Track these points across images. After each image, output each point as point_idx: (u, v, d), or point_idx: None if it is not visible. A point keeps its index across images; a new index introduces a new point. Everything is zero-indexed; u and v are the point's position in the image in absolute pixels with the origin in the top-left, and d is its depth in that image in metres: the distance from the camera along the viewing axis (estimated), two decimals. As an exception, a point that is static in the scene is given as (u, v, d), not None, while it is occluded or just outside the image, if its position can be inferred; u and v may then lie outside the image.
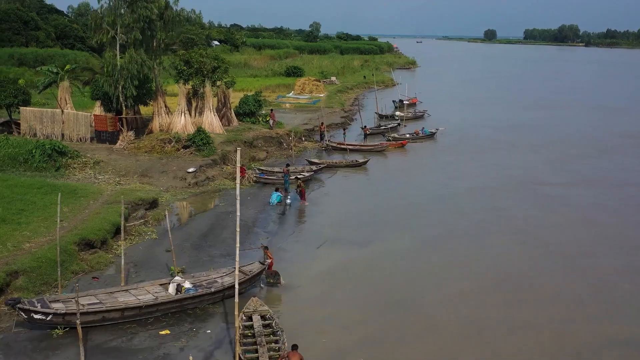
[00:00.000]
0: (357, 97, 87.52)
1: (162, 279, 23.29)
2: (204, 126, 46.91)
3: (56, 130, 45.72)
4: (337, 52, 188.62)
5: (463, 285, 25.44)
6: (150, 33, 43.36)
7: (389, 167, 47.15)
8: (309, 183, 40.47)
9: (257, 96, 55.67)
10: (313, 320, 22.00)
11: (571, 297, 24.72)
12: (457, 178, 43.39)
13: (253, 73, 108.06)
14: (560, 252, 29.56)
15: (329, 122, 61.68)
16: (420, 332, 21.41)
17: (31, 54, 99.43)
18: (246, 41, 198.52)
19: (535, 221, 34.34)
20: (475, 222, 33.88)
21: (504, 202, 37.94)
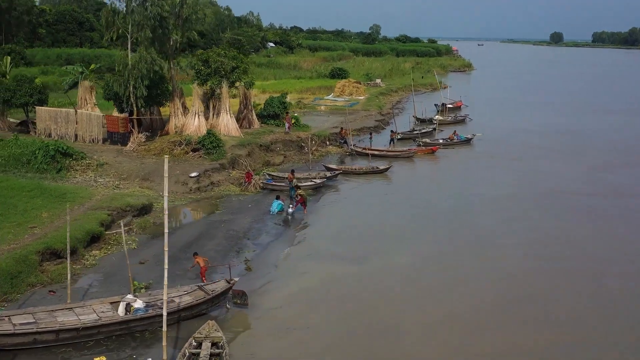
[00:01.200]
0: (399, 100, 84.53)
1: (115, 296, 21.25)
2: (220, 128, 45.19)
3: (70, 130, 44.75)
4: (393, 54, 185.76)
5: (456, 308, 22.76)
6: (162, 31, 41.67)
7: (412, 175, 44.30)
8: (321, 190, 38.10)
9: (283, 98, 53.53)
10: (274, 348, 19.62)
11: (579, 327, 21.56)
12: (482, 186, 40.25)
13: (298, 75, 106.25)
14: (576, 272, 26.34)
15: (360, 126, 59.26)
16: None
17: (78, 55, 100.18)
18: (302, 43, 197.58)
19: (555, 234, 31.19)
20: (487, 235, 30.93)
21: (526, 212, 34.87)
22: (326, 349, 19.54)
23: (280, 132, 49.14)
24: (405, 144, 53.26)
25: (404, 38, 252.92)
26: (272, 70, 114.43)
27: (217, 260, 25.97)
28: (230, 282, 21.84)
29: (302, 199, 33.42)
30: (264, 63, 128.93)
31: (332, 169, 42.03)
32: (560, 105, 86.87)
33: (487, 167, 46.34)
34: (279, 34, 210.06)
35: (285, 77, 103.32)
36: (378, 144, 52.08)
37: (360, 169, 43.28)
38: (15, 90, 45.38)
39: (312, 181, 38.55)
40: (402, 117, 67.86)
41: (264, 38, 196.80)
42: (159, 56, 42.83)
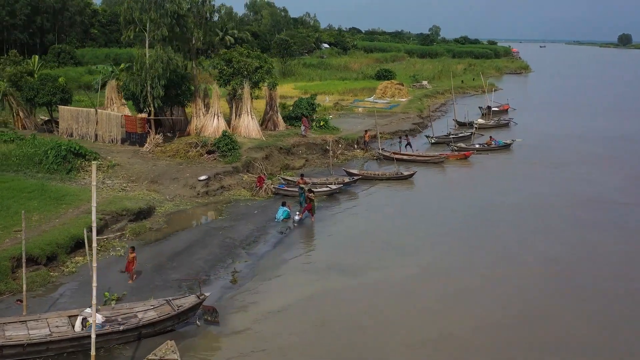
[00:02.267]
0: (444, 103, 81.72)
1: (75, 309, 19.90)
2: (240, 130, 43.88)
3: (90, 130, 44.15)
4: (450, 55, 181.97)
5: (450, 328, 20.87)
6: (180, 30, 40.52)
7: (438, 181, 41.90)
8: (337, 196, 36.26)
9: (312, 99, 51.79)
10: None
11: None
12: (511, 194, 37.76)
13: (344, 76, 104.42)
14: (599, 296, 23.69)
15: (395, 129, 57.10)
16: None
17: (126, 54, 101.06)
18: (357, 44, 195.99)
19: (582, 250, 28.66)
20: (504, 248, 28.61)
21: (554, 224, 32.40)
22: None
23: (303, 135, 47.39)
24: (438, 149, 50.71)
25: (462, 40, 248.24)
26: (320, 71, 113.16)
27: (204, 271, 24.51)
28: (200, 298, 20.20)
29: (310, 206, 31.62)
30: (314, 64, 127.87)
31: (353, 174, 40.08)
32: (616, 110, 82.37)
33: (521, 174, 43.59)
34: (333, 35, 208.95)
35: (331, 78, 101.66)
36: (414, 148, 49.79)
37: (383, 174, 41.19)
38: (38, 89, 45.08)
39: (327, 187, 36.66)
40: (443, 120, 65.16)
41: (318, 39, 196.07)
42: (179, 55, 41.87)
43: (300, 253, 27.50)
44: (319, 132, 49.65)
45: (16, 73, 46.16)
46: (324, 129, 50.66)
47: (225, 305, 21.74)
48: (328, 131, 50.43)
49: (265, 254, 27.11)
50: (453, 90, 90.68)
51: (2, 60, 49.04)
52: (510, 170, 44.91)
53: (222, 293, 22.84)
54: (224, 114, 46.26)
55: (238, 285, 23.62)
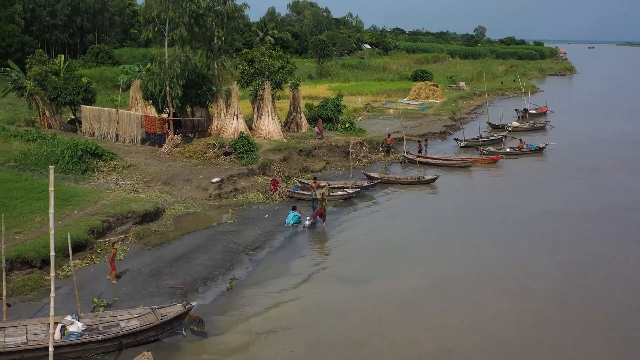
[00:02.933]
0: (480, 105, 79.70)
1: (57, 316, 19.24)
2: (260, 131, 43.14)
3: (112, 130, 43.99)
4: (493, 56, 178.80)
5: (451, 343, 19.69)
6: (198, 29, 39.95)
7: (462, 186, 40.38)
8: (353, 201, 35.20)
9: (337, 100, 50.72)
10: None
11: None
12: (537, 200, 36.19)
13: (380, 77, 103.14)
14: (614, 318, 22.07)
15: (425, 131, 55.68)
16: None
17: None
18: (399, 45, 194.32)
19: (606, 263, 26.90)
20: (521, 259, 27.12)
21: (578, 233, 30.85)
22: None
23: (329, 136, 46.40)
24: (467, 153, 49.17)
25: (508, 40, 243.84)
26: (357, 71, 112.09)
27: (201, 278, 23.77)
28: (186, 307, 19.41)
29: (321, 211, 30.64)
30: (353, 65, 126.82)
31: (373, 177, 38.94)
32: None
33: (551, 180, 41.82)
34: (375, 35, 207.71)
35: (367, 79, 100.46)
36: (441, 152, 48.38)
37: (404, 178, 39.92)
38: (62, 88, 45.15)
39: (344, 191, 35.61)
40: (477, 122, 63.36)
41: (359, 40, 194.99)
42: (197, 55, 41.40)
43: (304, 260, 26.50)
44: (344, 134, 48.58)
45: (41, 72, 46.26)
46: (349, 130, 49.56)
47: (216, 314, 20.93)
48: (353, 133, 49.35)
49: (269, 260, 26.20)
50: (488, 92, 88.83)
51: (29, 59, 49.13)
52: (540, 176, 43.11)
53: (215, 301, 22.06)
54: (248, 115, 45.70)
55: (233, 293, 22.79)
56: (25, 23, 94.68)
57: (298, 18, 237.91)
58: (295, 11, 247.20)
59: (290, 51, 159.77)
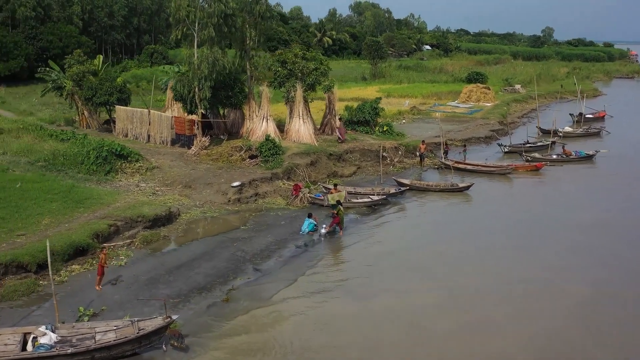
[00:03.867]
0: (535, 108, 76.47)
1: (33, 325, 18.64)
2: (291, 134, 42.10)
3: (144, 131, 43.77)
4: (558, 58, 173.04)
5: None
6: (228, 30, 39.16)
7: (497, 195, 38.26)
8: (379, 208, 33.74)
9: (375, 103, 49.21)
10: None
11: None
12: (577, 211, 33.98)
13: (434, 78, 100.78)
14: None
15: (469, 136, 53.58)
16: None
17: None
18: (461, 46, 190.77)
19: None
20: (546, 275, 25.05)
21: (617, 248, 28.60)
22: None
23: (365, 140, 45.03)
24: (511, 159, 46.86)
25: (575, 42, 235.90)
26: (412, 73, 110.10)
27: (198, 288, 22.85)
28: (166, 321, 18.45)
29: (338, 219, 29.33)
30: (410, 66, 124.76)
31: (403, 184, 37.34)
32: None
33: (596, 190, 39.34)
34: (436, 36, 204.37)
35: (420, 80, 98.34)
36: (483, 158, 46.29)
37: (436, 185, 38.13)
38: (96, 88, 45.24)
39: (369, 197, 34.17)
40: (528, 127, 60.71)
41: (419, 41, 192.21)
42: (235, 56, 40.76)
43: (311, 271, 25.23)
44: (381, 138, 47.06)
45: (78, 72, 46.50)
46: (386, 134, 48.01)
47: (203, 328, 19.92)
48: (391, 137, 47.81)
49: (274, 270, 25.07)
50: (546, 95, 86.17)
51: (67, 59, 49.53)
52: (585, 184, 40.63)
53: (206, 312, 21.02)
54: (284, 118, 44.82)
55: (228, 305, 21.71)
56: (83, 24, 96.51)
57: (359, 19, 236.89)
58: (357, 12, 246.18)
59: (348, 52, 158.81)
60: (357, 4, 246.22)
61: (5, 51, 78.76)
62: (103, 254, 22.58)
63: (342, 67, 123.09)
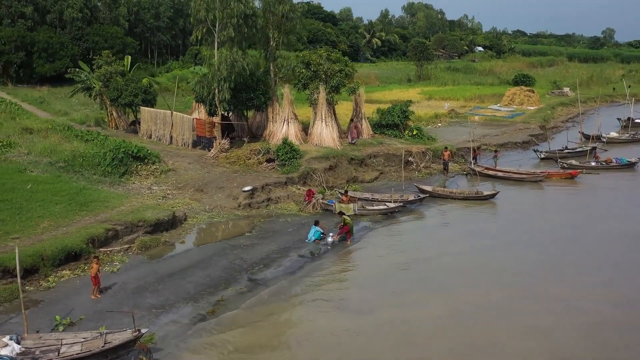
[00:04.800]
0: (583, 112, 73.43)
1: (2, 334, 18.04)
2: (313, 137, 41.02)
3: (166, 132, 43.40)
4: (617, 60, 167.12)
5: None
6: (248, 30, 38.32)
7: (525, 204, 36.23)
8: (395, 215, 32.39)
9: (405, 106, 47.69)
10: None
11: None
12: (610, 222, 31.85)
13: (479, 80, 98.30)
14: None
15: (505, 141, 51.56)
16: None
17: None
18: (515, 47, 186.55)
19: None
20: (565, 291, 23.25)
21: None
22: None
23: (391, 144, 43.58)
24: (546, 166, 44.72)
25: (637, 43, 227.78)
26: (458, 75, 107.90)
27: (186, 298, 22.00)
28: (134, 334, 17.61)
29: (347, 228, 28.12)
30: (459, 68, 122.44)
31: (424, 191, 35.85)
32: None
33: (634, 199, 36.89)
34: (489, 38, 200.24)
35: (464, 82, 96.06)
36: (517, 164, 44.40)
37: (460, 193, 36.45)
38: (122, 89, 45.11)
39: (385, 205, 32.82)
40: (570, 132, 58.18)
41: (471, 42, 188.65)
42: (260, 57, 39.98)
43: (308, 282, 24.07)
44: (410, 142, 45.54)
45: (105, 73, 46.48)
46: (416, 138, 46.45)
47: (181, 342, 19.02)
48: (420, 141, 46.21)
49: (270, 281, 23.99)
50: (597, 99, 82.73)
51: (96, 60, 49.65)
52: (622, 194, 38.31)
53: (188, 325, 20.11)
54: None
55: (212, 318, 20.77)
56: (128, 25, 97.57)
57: (412, 20, 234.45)
58: (410, 13, 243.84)
59: (397, 53, 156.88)
60: (409, 5, 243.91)
61: (52, 52, 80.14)
62: (95, 263, 21.81)
63: (390, 69, 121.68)
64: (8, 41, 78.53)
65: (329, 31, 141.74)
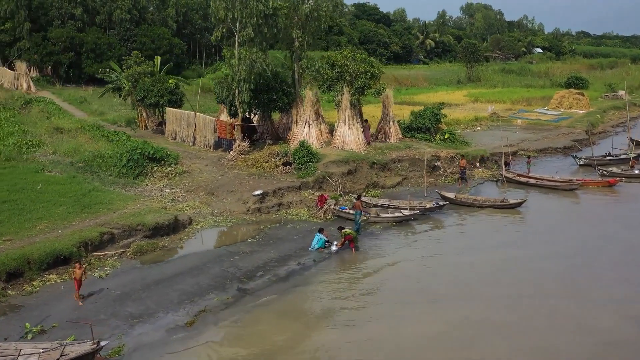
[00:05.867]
0: (635, 117, 70.01)
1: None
2: (336, 140, 39.80)
3: (190, 133, 42.92)
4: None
5: None
6: (268, 30, 37.36)
7: (556, 213, 33.97)
8: (411, 224, 30.90)
9: (437, 109, 45.91)
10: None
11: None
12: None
13: (530, 83, 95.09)
14: None
15: (545, 146, 49.16)
16: None
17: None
18: (575, 49, 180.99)
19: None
20: (578, 310, 21.26)
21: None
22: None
23: (419, 148, 41.93)
24: (585, 173, 42.28)
25: None
26: (509, 77, 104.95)
27: (167, 307, 21.12)
28: (92, 347, 16.79)
29: (350, 237, 26.81)
30: (514, 70, 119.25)
31: (446, 198, 34.20)
32: None
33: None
34: (548, 39, 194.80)
35: (514, 85, 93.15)
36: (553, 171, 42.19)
37: (484, 201, 34.58)
38: (148, 90, 44.87)
39: (400, 212, 31.34)
40: (617, 137, 55.34)
41: (530, 43, 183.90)
42: (286, 57, 39.07)
43: (300, 294, 22.85)
44: (441, 146, 43.81)
45: (133, 74, 46.36)
46: (448, 142, 44.68)
47: (152, 354, 18.13)
48: (452, 145, 44.42)
49: (260, 290, 22.86)
50: (627, 102, 78.63)
51: (126, 60, 49.65)
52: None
53: (161, 337, 19.21)
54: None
55: (190, 331, 19.77)
56: (177, 26, 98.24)
57: (469, 21, 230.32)
58: (468, 14, 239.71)
59: (451, 55, 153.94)
60: (468, 5, 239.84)
61: (99, 52, 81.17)
62: (78, 268, 21.18)
63: (443, 70, 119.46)
64: (57, 42, 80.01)
65: (380, 32, 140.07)
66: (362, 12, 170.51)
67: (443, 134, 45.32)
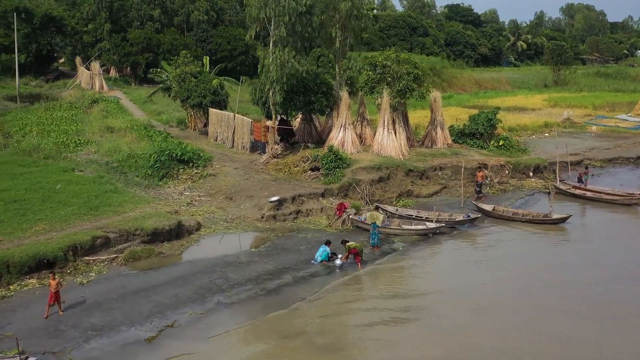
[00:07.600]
0: None
1: None
2: (373, 145, 37.72)
3: (229, 135, 41.97)
4: None
5: None
6: (303, 29, 35.74)
7: (605, 231, 30.59)
8: (437, 238, 28.49)
9: (492, 115, 42.76)
10: None
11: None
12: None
13: (620, 87, 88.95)
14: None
15: (616, 155, 45.10)
16: None
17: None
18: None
19: None
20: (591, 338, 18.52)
21: None
22: None
23: (468, 155, 39.14)
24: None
25: None
26: (600, 80, 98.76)
27: (130, 320, 19.86)
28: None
29: (355, 251, 24.79)
30: (609, 73, 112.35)
31: (483, 210, 31.49)
32: None
33: None
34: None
35: (602, 89, 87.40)
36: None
37: (525, 215, 31.52)
38: (191, 90, 44.29)
39: (424, 224, 28.95)
40: None
41: (632, 45, 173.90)
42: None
43: (286, 311, 21.02)
44: (495, 154, 40.82)
45: (180, 74, 45.95)
46: (502, 149, 41.58)
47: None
48: (507, 153, 41.30)
49: (241, 306, 21.28)
50: None
51: (174, 60, 49.35)
52: None
53: (115, 352, 17.94)
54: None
55: (147, 347, 18.42)
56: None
57: (569, 22, 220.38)
58: (568, 15, 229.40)
59: (544, 57, 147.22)
60: (568, 6, 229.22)
61: (176, 53, 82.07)
62: (52, 279, 20.18)
63: (532, 73, 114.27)
64: (136, 42, 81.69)
65: (468, 34, 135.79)
66: (455, 13, 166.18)
67: (497, 140, 42.18)
